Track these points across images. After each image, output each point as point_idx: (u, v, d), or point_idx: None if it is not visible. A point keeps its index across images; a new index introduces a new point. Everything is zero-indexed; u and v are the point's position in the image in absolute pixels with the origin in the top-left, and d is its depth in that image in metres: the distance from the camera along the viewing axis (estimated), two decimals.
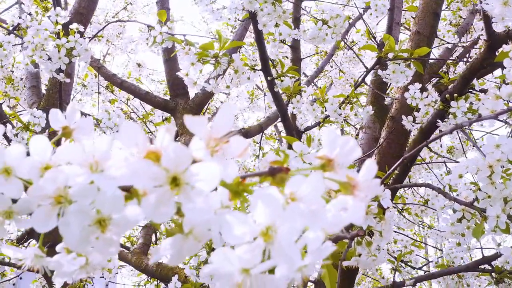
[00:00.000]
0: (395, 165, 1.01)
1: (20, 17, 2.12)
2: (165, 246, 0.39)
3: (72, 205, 0.36)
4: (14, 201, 0.42)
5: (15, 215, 0.42)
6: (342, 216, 0.37)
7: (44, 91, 2.65)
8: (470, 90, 1.72)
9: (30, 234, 2.74)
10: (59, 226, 0.37)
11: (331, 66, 4.82)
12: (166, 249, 0.39)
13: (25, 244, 2.88)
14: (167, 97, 3.36)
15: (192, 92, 3.32)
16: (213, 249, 1.45)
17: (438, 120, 1.61)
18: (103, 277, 2.29)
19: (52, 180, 0.37)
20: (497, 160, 1.20)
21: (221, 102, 5.64)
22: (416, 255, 2.98)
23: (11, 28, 2.17)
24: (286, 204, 0.33)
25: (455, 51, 2.85)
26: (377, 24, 3.60)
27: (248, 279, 0.33)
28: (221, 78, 1.73)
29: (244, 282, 0.33)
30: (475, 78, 1.71)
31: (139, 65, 4.79)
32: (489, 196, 1.25)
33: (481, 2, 1.29)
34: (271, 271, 0.35)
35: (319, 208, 0.34)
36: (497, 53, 1.51)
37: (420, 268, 2.87)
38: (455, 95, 1.57)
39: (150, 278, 3.92)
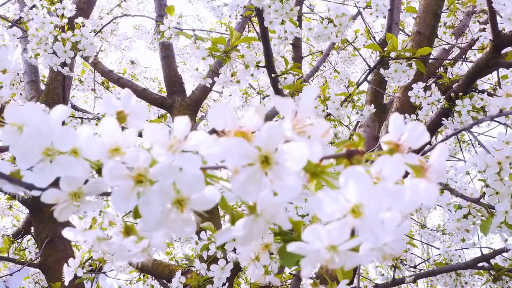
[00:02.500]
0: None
1: (21, 11, 2.10)
2: (237, 227, 0.40)
3: (155, 184, 0.37)
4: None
5: (83, 196, 0.42)
6: (416, 197, 0.38)
7: (42, 86, 2.64)
8: (472, 89, 1.74)
9: (26, 230, 2.73)
10: (139, 205, 0.37)
11: (324, 66, 4.84)
12: (238, 230, 0.40)
13: (20, 240, 2.86)
14: (164, 94, 3.35)
15: (189, 89, 3.32)
16: (223, 245, 1.45)
17: (443, 118, 1.63)
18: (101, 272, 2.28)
19: (133, 160, 0.37)
20: (506, 157, 1.22)
21: (214, 100, 5.64)
22: (411, 253, 3.01)
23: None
24: (373, 184, 0.34)
25: (451, 52, 2.88)
26: (373, 21, 3.62)
27: (336, 256, 0.34)
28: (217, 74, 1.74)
29: (332, 259, 0.34)
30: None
31: (132, 62, 4.77)
32: (497, 193, 1.27)
33: (491, 3, 1.31)
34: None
35: (400, 188, 0.35)
36: (501, 53, 1.53)
37: (415, 267, 2.90)
38: (460, 94, 1.59)
39: (143, 276, 3.91)
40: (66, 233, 0.46)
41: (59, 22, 1.75)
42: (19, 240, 2.92)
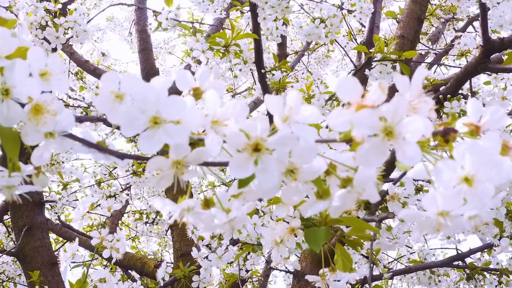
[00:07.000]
0: None
1: None
2: (335, 199, 0.43)
3: (274, 153, 0.39)
4: None
5: (185, 165, 0.44)
6: (503, 173, 0.41)
7: None
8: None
9: None
10: (256, 173, 0.40)
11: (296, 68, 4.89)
12: (335, 201, 0.43)
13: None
14: None
15: None
16: (219, 234, 1.47)
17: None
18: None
19: (252, 129, 0.39)
20: None
21: None
22: (382, 252, 3.08)
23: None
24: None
25: (427, 57, 2.97)
26: (349, 22, 3.69)
27: (448, 221, 0.37)
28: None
29: (445, 223, 0.37)
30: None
31: (103, 54, 4.72)
32: None
33: (485, 9, 1.37)
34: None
35: (500, 162, 0.39)
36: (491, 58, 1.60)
37: (385, 266, 2.97)
38: (448, 96, 1.66)
39: (111, 268, 3.87)
40: (155, 202, 0.48)
41: (53, 8, 1.73)
42: None
